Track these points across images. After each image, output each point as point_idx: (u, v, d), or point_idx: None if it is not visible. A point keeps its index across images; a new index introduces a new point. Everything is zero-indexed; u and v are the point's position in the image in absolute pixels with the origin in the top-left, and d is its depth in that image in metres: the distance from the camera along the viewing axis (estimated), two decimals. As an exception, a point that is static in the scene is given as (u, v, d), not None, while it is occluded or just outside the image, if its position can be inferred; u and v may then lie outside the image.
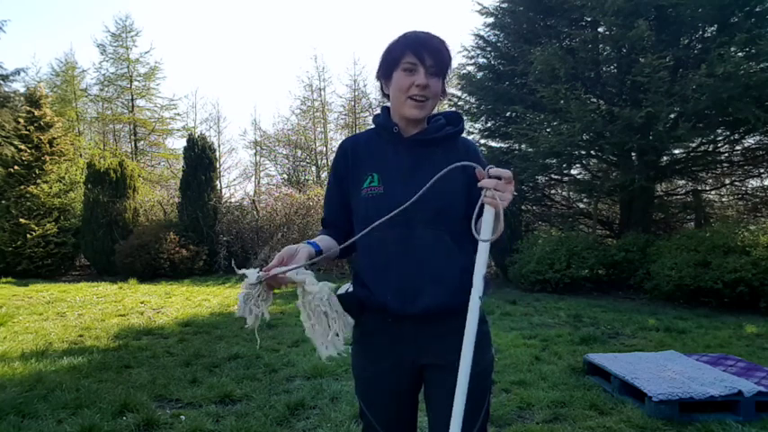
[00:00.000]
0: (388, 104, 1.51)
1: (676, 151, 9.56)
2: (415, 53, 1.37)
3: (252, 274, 1.29)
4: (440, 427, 1.39)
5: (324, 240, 1.46)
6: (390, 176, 1.42)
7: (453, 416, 1.23)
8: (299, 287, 1.30)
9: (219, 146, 19.89)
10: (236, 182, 21.69)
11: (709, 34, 8.42)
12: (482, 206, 1.24)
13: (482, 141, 11.26)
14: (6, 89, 14.24)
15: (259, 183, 21.25)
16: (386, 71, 1.44)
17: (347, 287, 1.50)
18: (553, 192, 12.40)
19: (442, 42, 1.41)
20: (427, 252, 1.38)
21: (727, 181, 10.97)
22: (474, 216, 1.24)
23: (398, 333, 1.42)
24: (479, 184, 1.23)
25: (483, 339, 1.46)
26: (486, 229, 1.23)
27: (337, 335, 1.30)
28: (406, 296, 1.38)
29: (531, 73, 8.82)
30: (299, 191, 12.95)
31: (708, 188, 11.13)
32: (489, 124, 11.20)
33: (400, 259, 1.39)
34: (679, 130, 7.49)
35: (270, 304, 1.31)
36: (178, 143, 21.77)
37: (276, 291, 1.33)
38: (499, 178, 1.21)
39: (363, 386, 1.51)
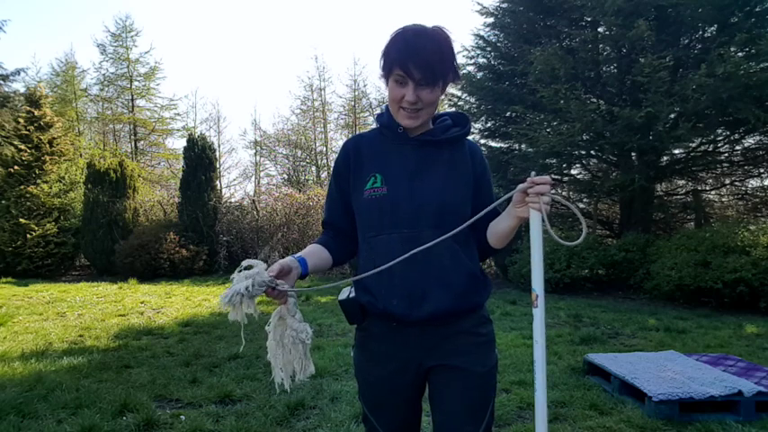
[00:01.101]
0: None
1: (676, 151, 9.56)
2: (403, 68, 1.31)
3: (260, 266, 1.25)
4: (447, 428, 1.38)
5: (314, 256, 1.41)
6: (394, 177, 1.39)
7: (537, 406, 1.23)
8: (280, 315, 1.29)
9: (219, 146, 19.92)
10: (236, 182, 21.73)
11: (709, 34, 8.43)
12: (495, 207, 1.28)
13: (482, 141, 11.27)
14: (6, 89, 14.25)
15: (259, 183, 21.28)
16: (384, 74, 1.40)
17: (348, 292, 1.47)
18: (553, 192, 12.38)
19: (436, 48, 1.31)
20: (433, 255, 1.33)
21: (727, 181, 10.97)
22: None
23: (403, 337, 1.40)
24: (533, 190, 1.23)
25: (489, 340, 1.46)
26: (538, 232, 1.24)
27: (293, 376, 1.31)
28: (412, 301, 1.35)
29: (531, 73, 8.82)
30: (299, 191, 12.96)
31: (708, 188, 11.13)
32: (489, 124, 11.20)
33: (406, 263, 1.33)
34: (679, 130, 7.49)
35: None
36: (178, 143, 21.82)
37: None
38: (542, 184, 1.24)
39: (367, 390, 1.49)
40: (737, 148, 9.59)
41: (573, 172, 11.31)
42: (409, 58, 1.30)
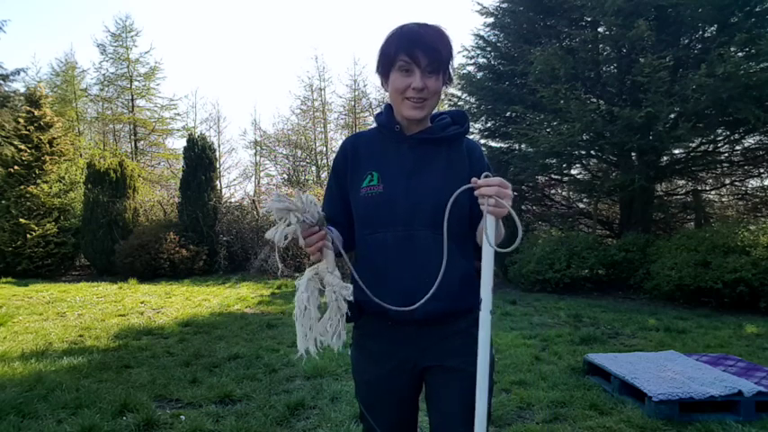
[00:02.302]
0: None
1: (676, 151, 9.55)
2: (409, 54, 1.31)
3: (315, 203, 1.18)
4: (444, 429, 1.38)
5: (333, 231, 1.40)
6: (391, 175, 1.39)
7: (477, 416, 1.23)
8: (317, 270, 1.23)
9: (219, 146, 19.91)
10: (236, 182, 21.72)
11: (709, 34, 8.42)
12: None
13: (482, 141, 11.26)
14: (6, 89, 14.24)
15: (259, 183, 21.27)
16: (383, 69, 1.40)
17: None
18: (553, 192, 12.40)
19: (438, 37, 1.34)
20: (427, 255, 1.33)
21: (727, 181, 10.96)
22: (482, 225, 1.21)
23: (399, 336, 1.40)
24: (477, 192, 1.20)
25: None
26: (491, 236, 1.18)
27: (320, 342, 1.22)
28: (406, 301, 1.34)
29: (531, 73, 8.81)
30: (300, 191, 12.94)
31: (708, 188, 11.13)
32: (489, 124, 11.19)
33: (400, 262, 1.35)
34: (679, 130, 7.49)
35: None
36: (178, 143, 21.82)
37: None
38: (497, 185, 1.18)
39: (363, 389, 1.49)
40: (737, 148, 9.59)
41: (573, 172, 11.31)
42: (415, 44, 1.31)
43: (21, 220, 11.28)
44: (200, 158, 11.82)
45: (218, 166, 13.40)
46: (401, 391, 1.44)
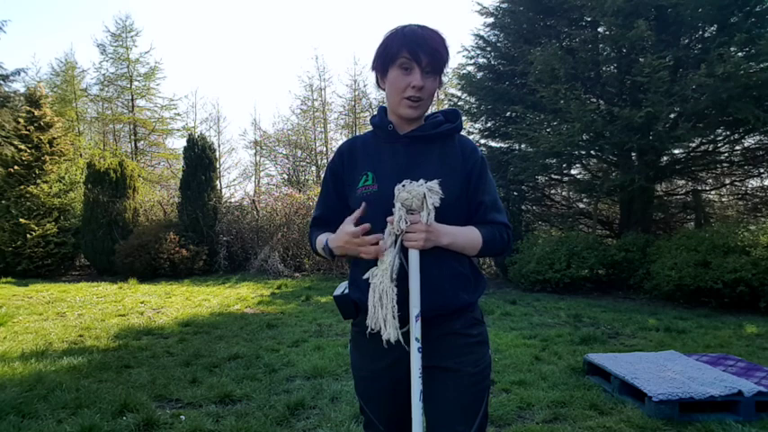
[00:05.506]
0: (386, 105, 1.50)
1: (676, 151, 9.55)
2: (412, 53, 1.35)
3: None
4: (440, 428, 1.39)
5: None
6: (385, 174, 1.41)
7: None
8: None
9: (219, 146, 19.90)
10: (236, 182, 21.71)
11: (709, 34, 8.42)
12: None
13: (482, 141, 11.27)
14: (6, 89, 14.23)
15: (259, 183, 21.26)
16: (382, 66, 1.43)
17: (344, 288, 1.51)
18: (553, 192, 12.40)
19: (439, 40, 1.38)
20: (420, 256, 1.34)
21: (727, 181, 10.96)
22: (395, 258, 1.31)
23: None
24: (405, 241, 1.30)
25: (480, 341, 1.46)
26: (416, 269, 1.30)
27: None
28: (399, 302, 1.34)
29: (531, 73, 8.82)
30: (299, 191, 12.96)
31: (708, 188, 11.13)
32: (489, 124, 11.20)
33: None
34: (679, 130, 7.49)
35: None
36: (178, 143, 21.83)
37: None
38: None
39: (361, 384, 1.53)
40: (737, 148, 9.59)
41: (573, 172, 11.31)
42: (418, 44, 1.35)
43: (21, 220, 11.28)
44: (200, 158, 11.81)
45: (218, 166, 13.39)
46: (397, 384, 1.45)
